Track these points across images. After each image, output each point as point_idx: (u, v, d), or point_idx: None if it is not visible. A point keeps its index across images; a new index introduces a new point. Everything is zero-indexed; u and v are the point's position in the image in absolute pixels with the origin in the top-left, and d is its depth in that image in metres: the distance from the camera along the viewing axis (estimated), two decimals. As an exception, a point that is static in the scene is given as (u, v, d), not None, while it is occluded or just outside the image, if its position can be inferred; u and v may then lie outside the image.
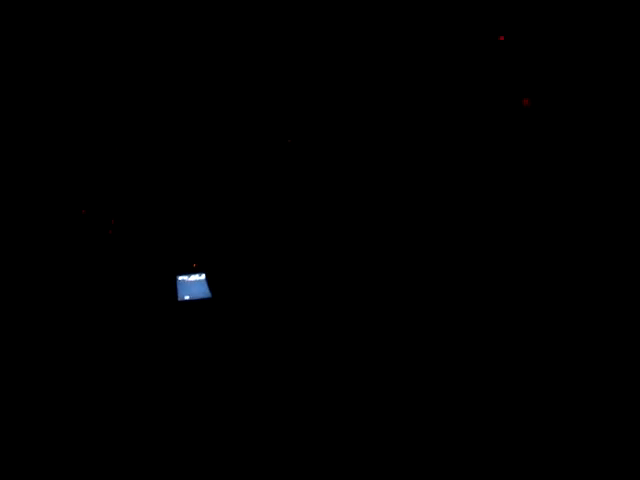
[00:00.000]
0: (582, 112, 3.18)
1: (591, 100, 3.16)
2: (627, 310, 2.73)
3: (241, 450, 2.59)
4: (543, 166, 3.29)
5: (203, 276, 3.38)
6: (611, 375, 2.43)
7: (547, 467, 2.03)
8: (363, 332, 3.34)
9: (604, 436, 2.11)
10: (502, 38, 3.35)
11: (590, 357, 2.57)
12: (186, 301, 3.36)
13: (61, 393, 3.02)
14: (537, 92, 3.34)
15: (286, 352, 3.33)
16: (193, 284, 3.37)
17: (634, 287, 2.80)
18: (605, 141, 3.11)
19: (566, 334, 2.74)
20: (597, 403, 2.28)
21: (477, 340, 2.88)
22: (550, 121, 3.29)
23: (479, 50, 3.44)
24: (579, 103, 3.20)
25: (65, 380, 3.09)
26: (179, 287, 3.35)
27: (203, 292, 3.37)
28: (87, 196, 3.39)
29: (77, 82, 3.29)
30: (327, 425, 2.63)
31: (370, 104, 3.60)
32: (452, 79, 3.49)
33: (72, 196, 3.36)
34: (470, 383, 2.59)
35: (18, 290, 3.20)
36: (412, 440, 2.30)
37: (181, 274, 3.37)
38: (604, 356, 2.55)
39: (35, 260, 3.27)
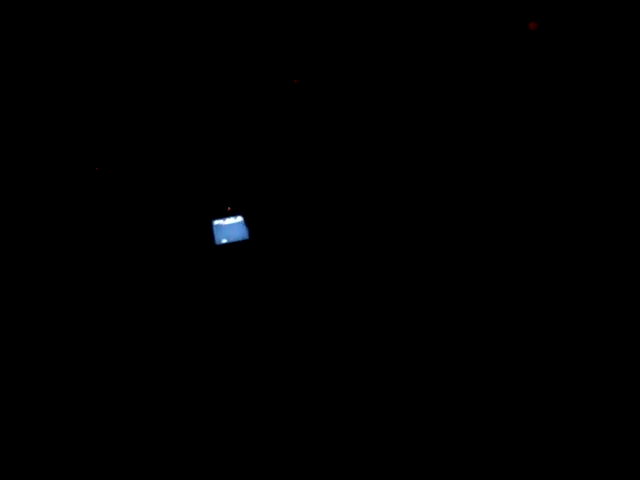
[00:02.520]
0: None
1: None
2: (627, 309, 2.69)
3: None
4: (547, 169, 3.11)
5: (239, 218, 3.34)
6: (611, 375, 2.41)
7: (547, 467, 2.03)
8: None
9: (604, 436, 2.10)
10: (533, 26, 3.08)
11: (590, 357, 2.55)
12: (224, 244, 3.34)
13: (98, 341, 3.08)
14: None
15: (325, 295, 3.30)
16: (230, 227, 3.34)
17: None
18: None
19: (566, 332, 2.71)
20: (597, 403, 2.27)
21: (477, 339, 2.83)
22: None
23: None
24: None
25: (99, 330, 3.14)
26: (216, 232, 3.33)
27: (241, 234, 3.34)
28: (99, 151, 3.32)
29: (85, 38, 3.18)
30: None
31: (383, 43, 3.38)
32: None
33: (83, 153, 3.29)
34: (470, 383, 2.58)
35: (39, 247, 3.20)
36: (412, 440, 2.29)
37: (216, 218, 3.33)
38: (604, 356, 2.53)
39: (54, 221, 3.26)
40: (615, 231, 2.89)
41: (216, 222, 3.34)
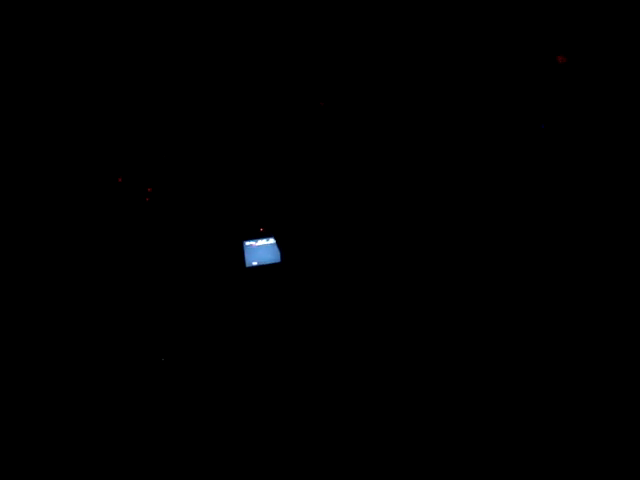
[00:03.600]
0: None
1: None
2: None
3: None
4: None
5: (271, 240, 3.17)
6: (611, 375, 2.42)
7: (547, 467, 2.05)
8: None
9: (604, 436, 2.11)
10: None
11: (590, 357, 2.56)
12: (255, 267, 3.18)
13: (121, 363, 2.98)
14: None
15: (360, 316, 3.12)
16: (261, 249, 3.17)
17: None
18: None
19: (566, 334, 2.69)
20: (597, 403, 2.29)
21: (477, 340, 2.83)
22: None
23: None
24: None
25: (128, 352, 3.04)
26: (246, 253, 3.17)
27: (272, 257, 3.17)
28: (124, 162, 3.20)
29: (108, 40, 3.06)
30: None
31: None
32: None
33: (107, 163, 3.17)
34: (470, 383, 2.60)
35: (63, 259, 3.10)
36: (412, 440, 2.31)
37: (248, 239, 3.17)
38: (604, 356, 2.53)
39: (78, 233, 3.15)
40: (615, 231, 2.85)
41: (247, 243, 3.17)
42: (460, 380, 2.64)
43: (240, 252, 3.18)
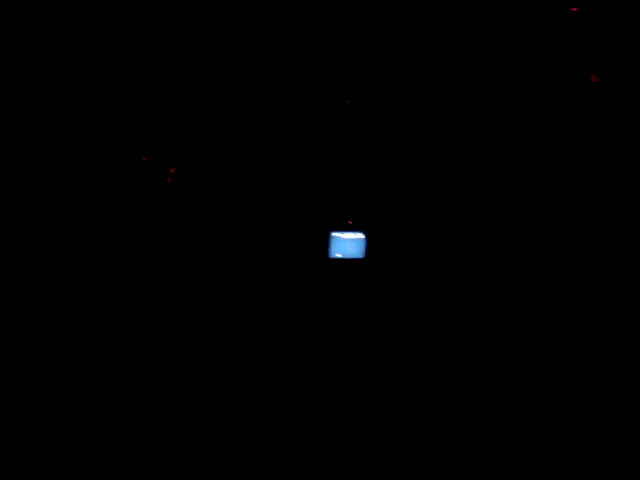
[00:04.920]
0: None
1: None
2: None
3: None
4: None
5: (359, 235, 3.16)
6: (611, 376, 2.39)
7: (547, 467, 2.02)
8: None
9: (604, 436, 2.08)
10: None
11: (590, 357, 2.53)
12: (338, 259, 3.17)
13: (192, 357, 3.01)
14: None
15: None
16: (346, 242, 3.17)
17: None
18: None
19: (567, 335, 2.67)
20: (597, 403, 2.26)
21: (478, 341, 2.82)
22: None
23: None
24: None
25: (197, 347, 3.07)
26: (332, 244, 3.17)
27: (356, 252, 3.16)
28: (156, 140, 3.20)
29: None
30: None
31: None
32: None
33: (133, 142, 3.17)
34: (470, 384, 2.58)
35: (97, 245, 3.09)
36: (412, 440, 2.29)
37: (335, 231, 3.18)
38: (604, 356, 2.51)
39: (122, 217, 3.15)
40: (615, 231, 2.83)
41: (334, 234, 3.18)
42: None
43: (325, 243, 3.19)
